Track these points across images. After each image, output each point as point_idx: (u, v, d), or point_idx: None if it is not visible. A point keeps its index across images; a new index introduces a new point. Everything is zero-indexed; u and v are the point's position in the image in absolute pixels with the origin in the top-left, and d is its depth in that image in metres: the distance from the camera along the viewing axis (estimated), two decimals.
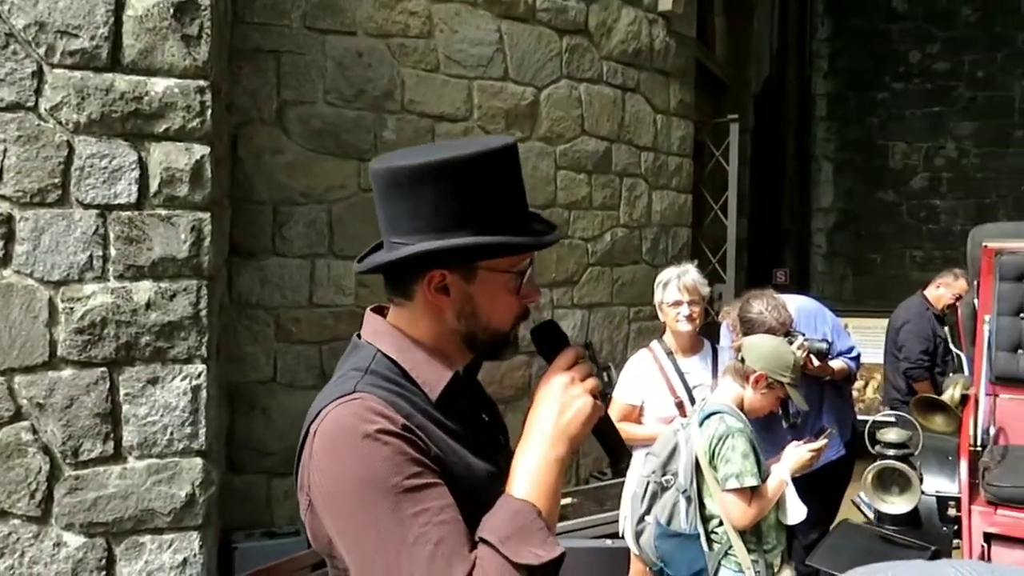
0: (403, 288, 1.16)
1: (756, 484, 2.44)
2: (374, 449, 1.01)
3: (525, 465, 1.08)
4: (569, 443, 1.10)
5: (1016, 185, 7.89)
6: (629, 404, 3.20)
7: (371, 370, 1.12)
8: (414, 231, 1.11)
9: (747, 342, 2.66)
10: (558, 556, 1.02)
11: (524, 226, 1.15)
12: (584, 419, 1.10)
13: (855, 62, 8.42)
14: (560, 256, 4.59)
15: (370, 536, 1.00)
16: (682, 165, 5.46)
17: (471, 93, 4.24)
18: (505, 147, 1.12)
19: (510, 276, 1.15)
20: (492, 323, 1.16)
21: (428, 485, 1.03)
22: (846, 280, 8.45)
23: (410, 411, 1.08)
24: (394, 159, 1.14)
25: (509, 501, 1.05)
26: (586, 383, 1.13)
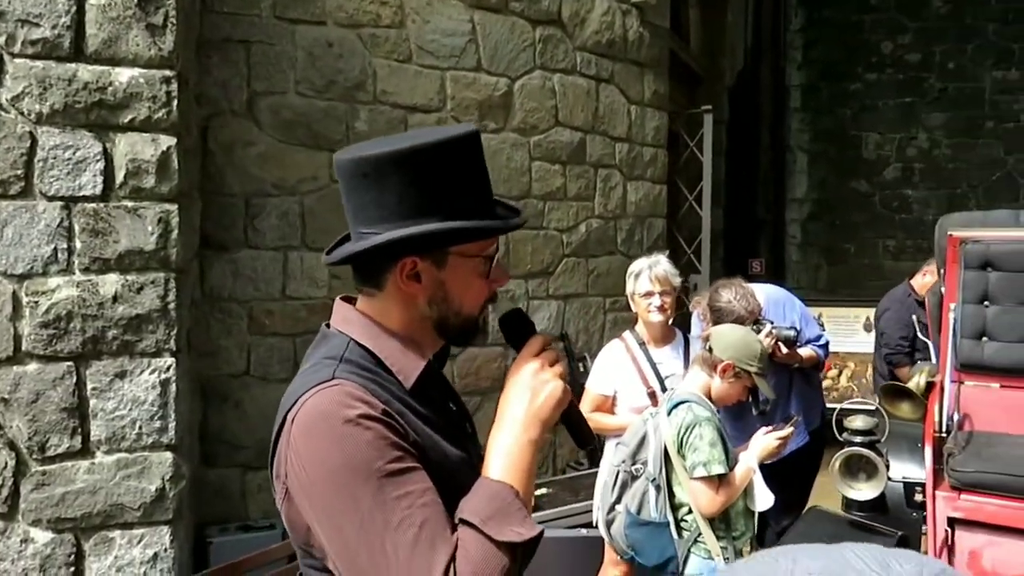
0: (374, 278, 1.17)
1: (724, 472, 2.46)
2: (355, 434, 1.02)
3: (500, 448, 1.10)
4: (541, 426, 1.13)
5: (986, 175, 8.00)
6: (602, 394, 3.22)
7: (345, 358, 1.13)
8: (381, 220, 1.12)
9: (715, 332, 2.68)
10: (537, 534, 1.05)
11: (490, 211, 1.17)
12: (555, 402, 1.13)
13: (828, 53, 8.48)
14: (535, 247, 4.59)
15: (353, 520, 1.01)
16: (657, 156, 5.47)
17: (444, 84, 4.22)
18: (468, 134, 1.13)
19: (480, 260, 1.17)
20: (463, 308, 1.18)
21: (409, 469, 1.04)
22: (820, 269, 8.53)
23: (388, 398, 1.10)
24: (359, 150, 1.15)
25: (487, 483, 1.07)
26: (555, 368, 1.16)
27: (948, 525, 2.19)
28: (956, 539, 2.20)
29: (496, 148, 4.40)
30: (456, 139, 1.12)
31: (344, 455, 1.01)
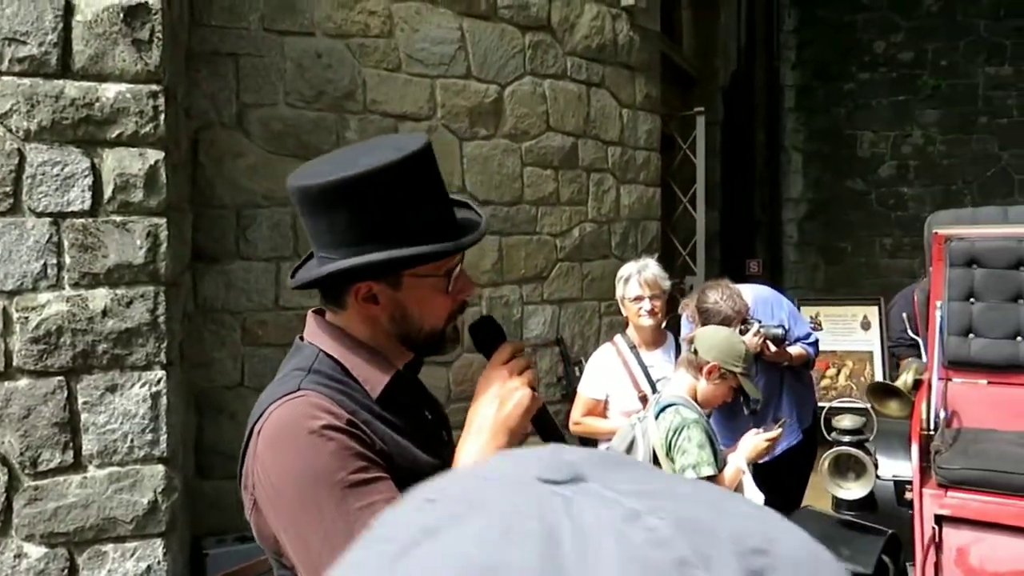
0: (334, 299, 1.20)
1: (713, 473, 2.47)
2: (319, 444, 1.03)
3: (467, 456, 1.11)
4: (509, 434, 1.13)
5: (981, 171, 7.99)
6: (593, 398, 3.23)
7: (314, 369, 1.15)
8: (335, 245, 1.13)
9: (699, 334, 2.69)
10: None
11: (444, 226, 1.17)
12: (523, 411, 1.14)
13: (822, 53, 8.49)
14: (528, 252, 4.60)
15: (317, 531, 1.01)
16: (650, 159, 5.48)
17: (434, 92, 4.24)
18: (415, 153, 1.13)
19: (437, 279, 1.18)
20: (425, 324, 1.19)
21: (374, 479, 1.05)
22: (818, 269, 8.52)
23: (354, 408, 1.11)
24: (307, 175, 1.16)
25: None
26: (524, 376, 1.17)
27: (935, 522, 2.20)
28: (943, 536, 2.20)
29: (487, 155, 4.42)
30: (404, 160, 1.12)
31: (307, 466, 1.02)
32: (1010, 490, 2.15)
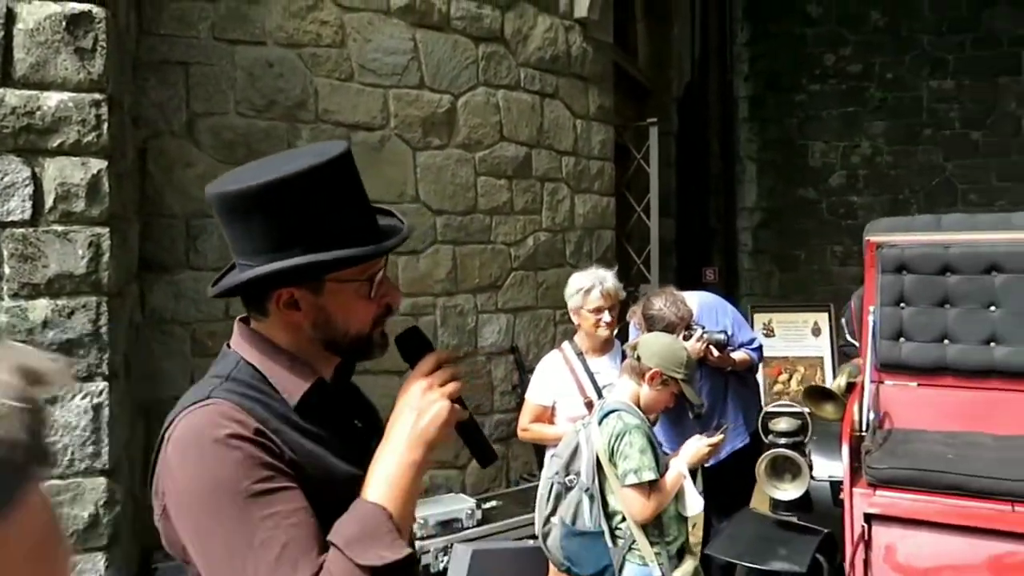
0: (256, 306, 1.19)
1: (654, 478, 2.51)
2: (223, 454, 1.03)
3: (380, 469, 1.10)
4: (425, 447, 1.12)
5: (926, 181, 8.23)
6: (541, 405, 3.27)
7: (232, 377, 1.14)
8: (255, 252, 1.13)
9: (642, 340, 2.74)
10: (404, 557, 1.04)
11: (365, 231, 1.17)
12: (440, 423, 1.13)
13: (774, 65, 8.68)
14: (483, 261, 4.63)
15: (217, 540, 1.01)
16: (604, 169, 5.55)
17: (387, 102, 4.26)
18: (334, 158, 1.13)
19: (360, 284, 1.18)
20: (350, 329, 1.18)
21: (279, 489, 1.04)
22: (772, 276, 8.69)
23: (267, 416, 1.10)
24: (225, 183, 1.15)
25: (360, 505, 1.08)
26: (445, 388, 1.15)
27: (865, 521, 2.26)
28: (873, 534, 2.27)
29: (441, 164, 4.44)
30: (322, 165, 1.12)
31: (211, 475, 1.02)
32: (936, 488, 2.23)
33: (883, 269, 2.76)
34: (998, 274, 2.65)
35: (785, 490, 2.49)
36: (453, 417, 1.15)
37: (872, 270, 2.78)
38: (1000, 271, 2.65)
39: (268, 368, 1.16)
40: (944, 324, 2.68)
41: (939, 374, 2.69)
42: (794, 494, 2.48)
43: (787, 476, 2.51)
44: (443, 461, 4.34)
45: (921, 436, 2.51)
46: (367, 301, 1.19)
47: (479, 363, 4.58)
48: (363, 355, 1.24)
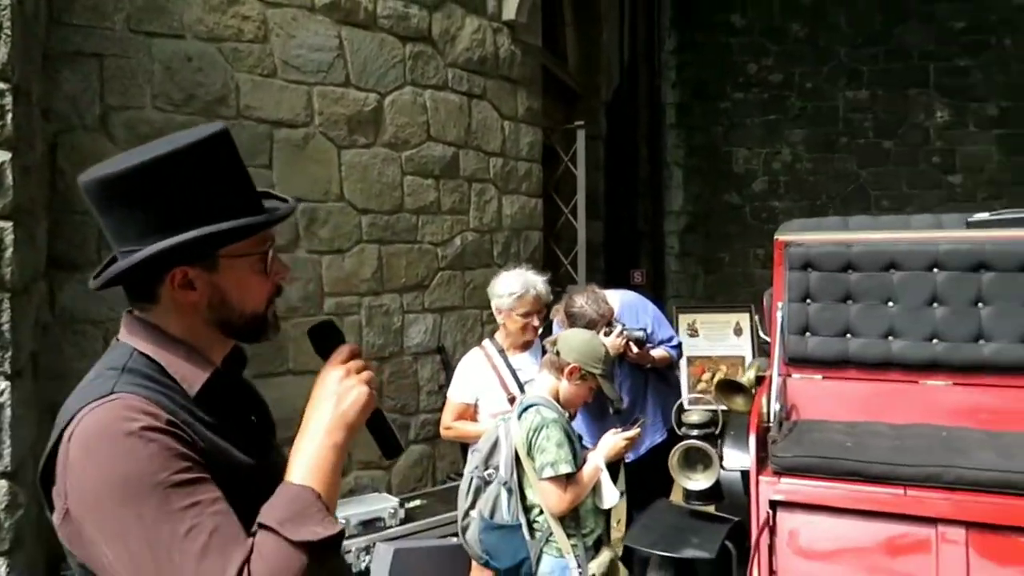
0: (147, 293, 1.16)
1: (571, 471, 2.56)
2: (138, 447, 1.00)
3: (304, 454, 1.11)
4: (347, 430, 1.14)
5: (842, 187, 8.57)
6: (463, 402, 3.28)
7: (128, 368, 1.11)
8: (142, 236, 1.10)
9: (561, 336, 2.79)
10: (337, 533, 1.05)
11: (253, 207, 1.17)
12: (361, 407, 1.15)
13: (700, 73, 8.92)
14: (409, 261, 4.62)
15: (139, 535, 0.98)
16: (531, 170, 5.61)
17: (311, 99, 4.21)
18: (214, 135, 1.13)
19: (254, 258, 1.17)
20: (246, 307, 1.18)
21: (198, 479, 1.03)
22: (698, 278, 8.91)
23: (174, 408, 1.08)
24: (102, 169, 1.12)
25: (288, 488, 1.08)
26: (361, 375, 1.18)
27: (770, 507, 2.35)
28: (777, 520, 2.35)
29: (367, 163, 4.42)
30: (201, 142, 1.11)
31: (126, 470, 0.99)
32: (837, 475, 2.33)
33: (790, 267, 2.87)
34: (896, 271, 2.79)
35: (697, 480, 2.57)
36: (372, 403, 1.17)
37: (780, 268, 2.89)
38: (898, 268, 2.79)
39: (165, 358, 1.14)
40: (847, 319, 2.81)
41: (842, 367, 2.81)
42: (705, 484, 2.56)
43: (699, 467, 2.58)
44: (368, 462, 4.31)
45: (824, 426, 2.61)
46: (262, 277, 1.19)
47: (405, 363, 4.57)
48: (258, 336, 1.23)
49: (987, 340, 2.67)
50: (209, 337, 1.19)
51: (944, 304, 2.73)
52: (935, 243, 2.76)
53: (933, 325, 2.72)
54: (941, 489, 2.22)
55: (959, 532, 2.18)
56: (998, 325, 2.66)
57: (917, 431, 2.52)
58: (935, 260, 2.75)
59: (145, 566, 0.98)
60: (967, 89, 8.44)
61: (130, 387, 1.07)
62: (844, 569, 2.27)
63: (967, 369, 2.68)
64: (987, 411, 2.64)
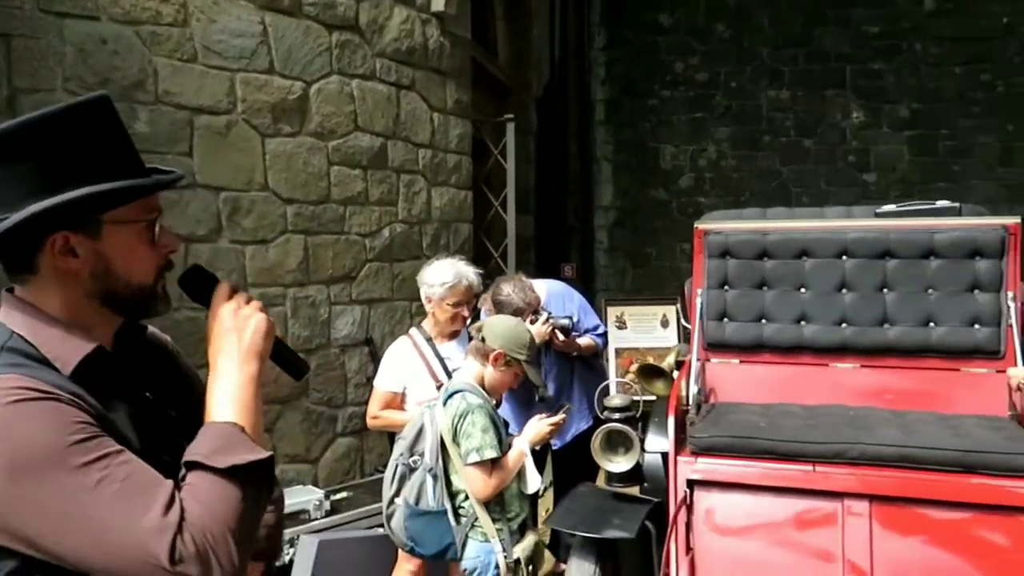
0: (25, 262, 1.10)
1: (496, 456, 2.57)
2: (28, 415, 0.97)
3: (220, 392, 1.09)
4: (257, 359, 1.13)
5: (766, 184, 8.84)
6: (391, 391, 3.27)
7: (8, 347, 1.06)
8: (19, 199, 1.04)
9: (487, 323, 2.81)
10: (267, 458, 1.04)
11: (140, 170, 1.14)
12: (264, 334, 1.15)
13: (629, 70, 9.06)
14: (336, 252, 4.57)
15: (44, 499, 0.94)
16: (461, 163, 5.61)
17: (234, 85, 4.12)
18: (95, 98, 1.10)
19: (141, 226, 1.13)
20: (132, 278, 1.14)
21: (96, 436, 0.99)
22: (626, 272, 9.06)
23: (58, 383, 1.04)
24: None
25: (210, 427, 1.06)
26: (252, 304, 1.17)
27: (687, 486, 2.42)
28: (695, 499, 2.43)
29: (292, 152, 4.34)
30: (81, 103, 1.08)
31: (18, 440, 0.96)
32: (751, 454, 2.41)
33: (709, 255, 2.96)
34: (808, 259, 2.90)
35: (618, 463, 2.62)
36: (271, 326, 1.17)
37: (700, 256, 2.98)
38: (810, 256, 2.90)
39: (37, 337, 1.08)
40: (762, 305, 2.91)
41: (757, 351, 2.91)
42: (626, 466, 2.62)
43: (620, 450, 2.63)
44: (294, 455, 4.25)
45: (740, 408, 2.70)
46: (149, 247, 1.15)
47: (332, 355, 4.51)
48: (145, 310, 1.19)
49: (891, 324, 2.81)
50: (92, 312, 1.14)
51: (852, 290, 2.85)
52: (844, 232, 2.88)
53: (842, 310, 2.84)
54: (847, 465, 2.33)
55: (863, 505, 2.29)
56: (901, 310, 2.79)
57: (826, 411, 2.63)
58: (844, 248, 2.87)
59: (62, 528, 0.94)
60: (881, 91, 8.81)
61: (9, 368, 1.03)
62: (757, 544, 2.36)
63: (873, 352, 2.81)
64: (891, 391, 2.77)
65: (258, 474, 1.03)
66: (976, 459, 2.27)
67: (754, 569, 2.33)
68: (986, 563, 2.22)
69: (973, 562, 2.23)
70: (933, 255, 2.80)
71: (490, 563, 2.60)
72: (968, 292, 2.76)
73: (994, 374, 2.71)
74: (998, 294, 2.73)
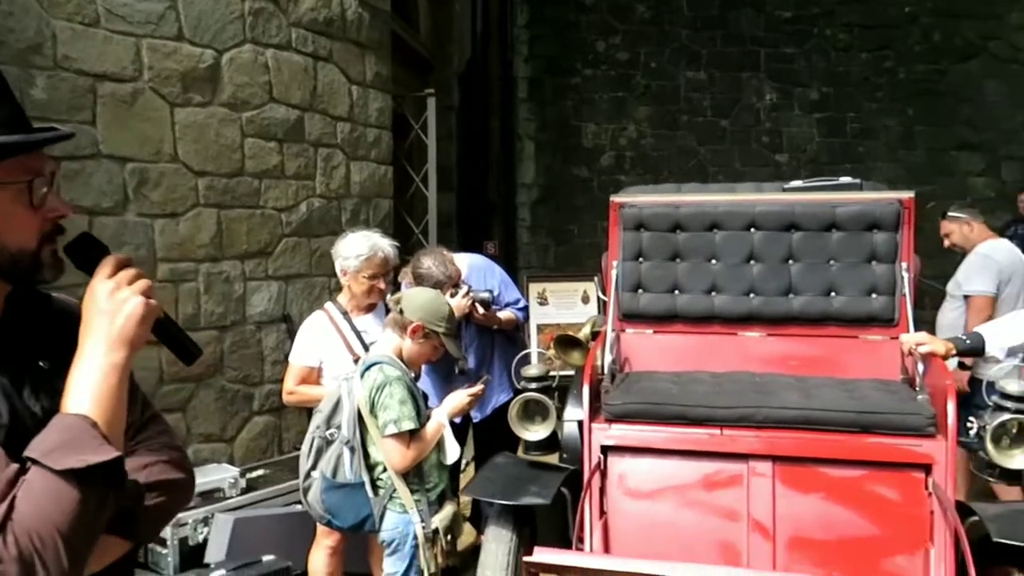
0: None
1: (414, 427, 2.57)
2: None
3: (79, 380, 1.03)
4: (128, 347, 1.07)
5: (684, 163, 9.04)
6: (307, 366, 3.23)
7: None
8: None
9: (405, 295, 2.79)
10: (112, 459, 0.98)
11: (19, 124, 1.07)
12: (138, 319, 1.08)
13: (551, 49, 9.09)
14: (251, 227, 4.45)
15: None
16: (381, 137, 5.53)
17: (140, 52, 3.94)
18: None
19: (19, 188, 1.07)
20: (9, 243, 1.08)
21: None
22: (548, 250, 9.15)
23: None
24: None
25: (60, 418, 1.00)
26: (135, 285, 1.10)
27: (601, 452, 2.48)
28: (608, 464, 2.49)
29: (203, 123, 4.20)
30: None
31: None
32: (662, 419, 2.49)
33: (624, 227, 3.01)
34: (718, 231, 2.99)
35: (535, 432, 2.66)
36: (150, 313, 1.10)
37: (615, 228, 3.03)
38: (720, 229, 2.99)
39: None
40: (675, 276, 2.99)
41: (670, 321, 2.99)
42: (543, 434, 2.66)
43: (537, 419, 2.67)
44: (208, 435, 4.15)
45: (653, 376, 2.78)
46: (28, 210, 1.08)
47: (248, 332, 4.41)
48: (30, 275, 1.13)
49: (796, 294, 2.93)
50: None
51: (760, 261, 2.96)
52: (752, 205, 2.98)
53: (750, 281, 2.95)
54: (752, 428, 2.42)
55: (767, 466, 2.39)
56: (805, 280, 2.91)
57: (734, 377, 2.73)
58: (753, 221, 2.97)
59: None
60: (792, 75, 9.10)
61: None
62: (667, 506, 2.44)
63: (778, 321, 2.93)
64: (795, 358, 2.90)
65: (103, 476, 0.97)
66: (871, 420, 2.40)
67: (664, 530, 2.41)
68: (879, 516, 2.36)
69: (867, 516, 2.36)
70: (835, 228, 2.93)
71: (408, 534, 2.61)
72: (866, 263, 2.90)
73: (888, 341, 2.86)
74: (893, 265, 2.88)
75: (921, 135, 9.05)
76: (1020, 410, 2.35)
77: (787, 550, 2.33)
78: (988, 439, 2.34)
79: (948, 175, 8.88)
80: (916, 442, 2.36)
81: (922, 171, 8.70)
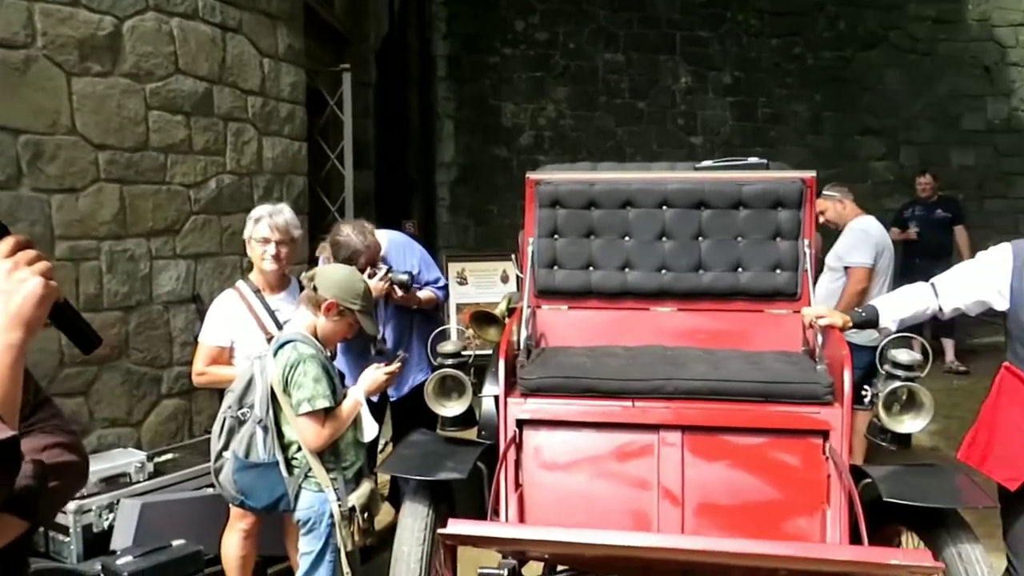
0: None
1: (329, 405, 2.55)
2: None
3: None
4: (25, 328, 1.06)
5: (602, 143, 9.15)
6: (218, 346, 3.14)
7: None
8: None
9: (319, 271, 2.75)
10: (6, 438, 0.96)
11: None
12: (36, 300, 1.07)
13: (470, 27, 9.03)
14: (157, 204, 4.28)
15: None
16: (295, 112, 5.39)
17: (32, 17, 3.72)
18: None
19: None
20: None
21: None
22: (468, 229, 9.14)
23: None
24: None
25: None
26: (34, 266, 1.09)
27: (517, 426, 2.51)
28: (524, 438, 2.52)
29: (103, 94, 4.00)
30: None
31: None
32: (576, 392, 2.53)
33: (540, 204, 3.04)
34: (632, 209, 3.04)
35: (452, 407, 2.67)
36: (49, 293, 1.09)
37: (532, 205, 3.05)
38: (633, 206, 3.04)
39: None
40: (589, 253, 3.03)
41: (585, 297, 3.04)
42: (459, 410, 2.67)
43: (453, 395, 2.68)
44: (114, 419, 3.99)
45: (568, 351, 2.82)
46: None
47: (155, 312, 4.26)
48: None
49: (705, 270, 3.02)
50: None
51: (671, 238, 3.03)
52: (665, 183, 3.04)
53: (662, 257, 3.02)
54: (663, 399, 2.49)
55: (676, 436, 2.47)
56: (714, 256, 3.00)
57: (646, 351, 2.80)
58: (665, 198, 3.04)
59: None
60: (707, 58, 9.31)
61: None
62: (581, 477, 2.49)
63: (689, 296, 3.01)
64: (704, 332, 2.99)
65: None
66: (774, 389, 2.50)
67: (578, 501, 2.46)
68: (780, 481, 2.47)
69: (770, 481, 2.47)
70: (742, 206, 3.02)
71: (324, 512, 2.59)
72: (771, 240, 3.01)
73: (791, 314, 2.98)
74: (796, 241, 2.99)
75: (828, 120, 9.42)
76: (909, 378, 2.48)
77: (695, 516, 2.42)
78: (880, 406, 2.47)
79: (852, 159, 9.29)
80: (815, 410, 2.47)
81: (829, 155, 9.07)
